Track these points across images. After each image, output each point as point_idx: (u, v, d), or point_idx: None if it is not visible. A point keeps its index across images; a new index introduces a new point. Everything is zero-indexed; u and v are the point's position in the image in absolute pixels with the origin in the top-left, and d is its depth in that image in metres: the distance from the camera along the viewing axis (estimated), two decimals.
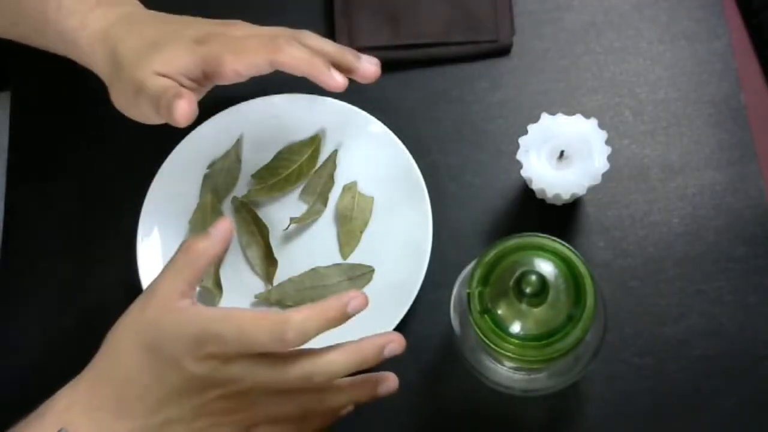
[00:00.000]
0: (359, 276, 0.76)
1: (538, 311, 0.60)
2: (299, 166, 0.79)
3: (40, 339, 0.77)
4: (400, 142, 0.77)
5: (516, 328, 0.60)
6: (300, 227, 0.78)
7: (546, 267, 0.61)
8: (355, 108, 0.78)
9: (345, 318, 0.60)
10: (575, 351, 0.61)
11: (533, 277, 0.59)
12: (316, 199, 0.78)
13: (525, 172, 0.72)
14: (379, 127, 0.78)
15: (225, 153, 0.79)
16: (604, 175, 0.71)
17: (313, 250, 0.77)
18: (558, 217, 0.77)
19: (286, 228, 0.77)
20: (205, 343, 0.58)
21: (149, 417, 0.59)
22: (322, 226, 0.78)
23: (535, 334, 0.60)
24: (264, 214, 0.78)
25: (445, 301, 0.67)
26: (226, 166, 0.79)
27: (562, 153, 0.72)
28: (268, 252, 0.77)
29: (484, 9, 0.82)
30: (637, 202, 0.77)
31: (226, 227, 0.63)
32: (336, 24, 0.82)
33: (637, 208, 0.77)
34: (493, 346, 0.60)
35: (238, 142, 0.80)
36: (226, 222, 0.64)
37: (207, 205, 0.78)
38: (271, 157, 0.79)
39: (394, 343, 0.62)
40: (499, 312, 0.60)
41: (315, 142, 0.79)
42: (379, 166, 0.78)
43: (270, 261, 0.76)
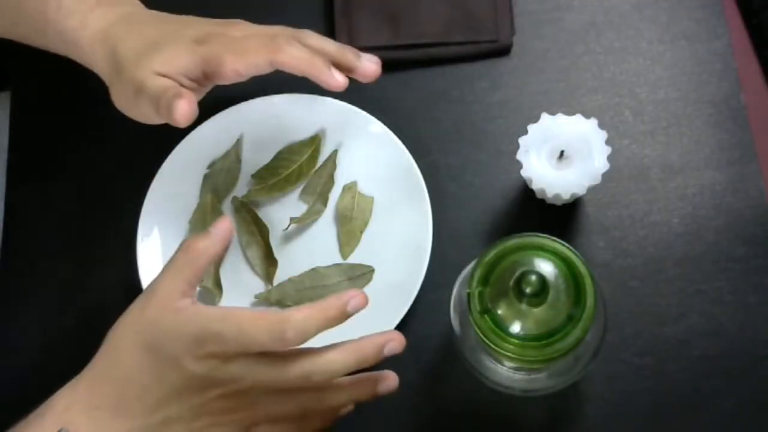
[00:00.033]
0: (359, 276, 0.76)
1: (538, 311, 0.60)
2: (299, 166, 0.79)
3: (40, 339, 0.77)
4: (400, 142, 0.77)
5: (516, 328, 0.60)
6: (300, 227, 0.78)
7: (546, 267, 0.61)
8: (355, 108, 0.78)
9: (345, 317, 0.60)
10: (575, 351, 0.61)
11: (533, 277, 0.59)
12: (316, 199, 0.78)
13: (525, 172, 0.72)
14: (379, 127, 0.78)
15: (225, 153, 0.79)
16: (604, 175, 0.71)
17: (313, 250, 0.77)
18: (558, 217, 0.77)
19: (286, 228, 0.77)
20: (204, 342, 0.58)
21: (148, 416, 0.59)
22: (322, 226, 0.78)
23: (535, 334, 0.60)
24: (264, 214, 0.78)
25: (445, 301, 0.67)
26: (226, 166, 0.79)
27: (562, 153, 0.72)
28: (268, 252, 0.77)
29: (484, 9, 0.82)
30: (637, 202, 0.77)
31: (226, 226, 0.63)
32: (336, 24, 0.82)
33: (637, 208, 0.77)
34: (493, 346, 0.60)
35: (238, 142, 0.80)
36: (226, 221, 0.64)
37: (207, 205, 0.78)
38: (271, 157, 0.79)
39: (394, 342, 0.62)
40: (499, 312, 0.60)
41: (315, 142, 0.79)
42: (379, 166, 0.78)
43: (270, 261, 0.76)
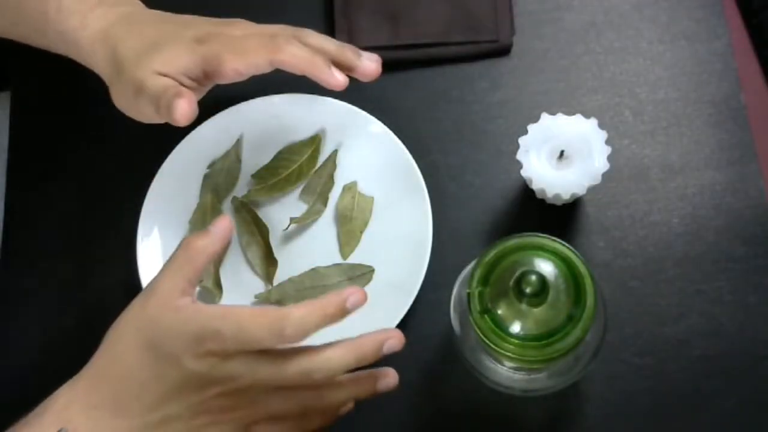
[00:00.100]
0: (359, 276, 0.76)
1: (538, 311, 0.60)
2: (299, 166, 0.79)
3: (40, 339, 0.77)
4: (400, 142, 0.77)
5: (516, 328, 0.60)
6: (300, 227, 0.78)
7: (546, 267, 0.61)
8: (355, 108, 0.78)
9: (344, 314, 0.60)
10: (575, 351, 0.61)
11: (533, 277, 0.59)
12: (316, 199, 0.78)
13: (525, 172, 0.72)
14: (379, 127, 0.78)
15: (225, 153, 0.79)
16: (604, 175, 0.71)
17: (313, 250, 0.77)
18: (558, 217, 0.77)
19: (286, 228, 0.77)
20: (204, 340, 0.58)
21: (147, 414, 0.59)
22: (322, 226, 0.78)
23: (535, 334, 0.60)
24: (264, 214, 0.78)
25: (445, 301, 0.67)
26: (226, 166, 0.79)
27: (562, 153, 0.72)
28: (268, 252, 0.77)
29: (484, 9, 0.82)
30: (637, 202, 0.77)
31: (225, 225, 0.63)
32: (336, 24, 0.82)
33: (637, 208, 0.77)
34: (493, 346, 0.60)
35: (238, 142, 0.80)
36: (225, 220, 0.64)
37: (207, 205, 0.78)
38: (271, 157, 0.79)
39: (393, 339, 0.62)
40: (499, 312, 0.60)
41: (315, 142, 0.79)
42: (379, 166, 0.78)
43: (270, 261, 0.76)
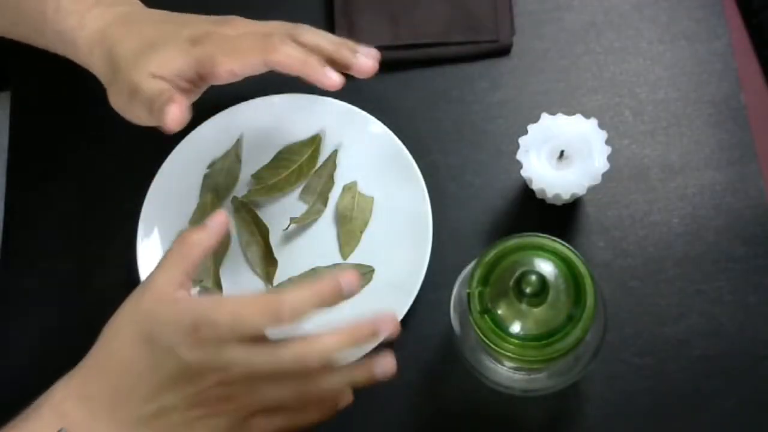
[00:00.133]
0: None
1: (538, 311, 0.60)
2: (299, 166, 0.79)
3: (40, 339, 0.77)
4: (400, 142, 0.77)
5: (516, 328, 0.60)
6: (300, 227, 0.78)
7: (546, 267, 0.61)
8: (355, 108, 0.78)
9: (339, 296, 0.60)
10: (575, 351, 0.61)
11: (533, 277, 0.59)
12: (316, 199, 0.78)
13: (525, 172, 0.72)
14: (379, 127, 0.78)
15: (225, 153, 0.79)
16: (604, 175, 0.71)
17: (313, 250, 0.77)
18: (558, 217, 0.77)
19: (286, 228, 0.77)
20: (199, 329, 0.58)
21: (143, 406, 0.59)
22: (322, 226, 0.78)
23: (535, 334, 0.60)
24: (264, 214, 0.78)
25: (445, 301, 0.67)
26: (226, 166, 0.79)
27: (562, 153, 0.72)
28: (268, 252, 0.77)
29: (484, 9, 0.82)
30: (637, 202, 0.77)
31: (221, 219, 0.64)
32: (336, 24, 0.82)
33: (637, 208, 0.77)
34: (493, 346, 0.60)
35: (238, 142, 0.80)
36: (221, 215, 0.64)
37: (207, 205, 0.78)
38: (271, 157, 0.79)
39: (388, 323, 0.62)
40: (499, 312, 0.60)
41: (315, 142, 0.79)
42: (379, 166, 0.78)
43: (270, 261, 0.76)
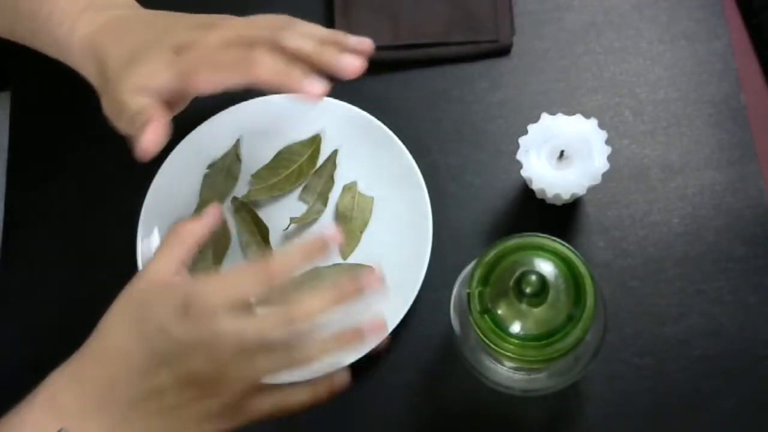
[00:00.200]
0: None
1: (538, 311, 0.60)
2: (299, 166, 0.79)
3: (40, 339, 0.76)
4: (400, 142, 0.77)
5: (516, 328, 0.60)
6: (300, 227, 0.78)
7: (546, 267, 0.61)
8: (355, 108, 0.78)
9: (324, 251, 0.63)
10: (575, 351, 0.61)
11: (533, 277, 0.59)
12: (316, 199, 0.78)
13: (525, 172, 0.72)
14: (379, 127, 0.78)
15: (225, 153, 0.79)
16: (604, 175, 0.71)
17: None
18: (558, 217, 0.77)
19: (286, 228, 0.77)
20: (189, 306, 0.59)
21: (136, 387, 0.59)
22: (322, 226, 0.78)
23: (535, 334, 0.60)
24: (264, 214, 0.78)
25: (445, 301, 0.67)
26: (226, 166, 0.79)
27: (562, 153, 0.72)
28: (268, 252, 0.76)
29: (484, 9, 0.82)
30: (637, 202, 0.77)
31: (215, 211, 0.67)
32: (336, 24, 0.82)
33: (637, 208, 0.77)
34: (493, 346, 0.60)
35: (238, 142, 0.80)
36: (216, 206, 0.67)
37: (207, 205, 0.77)
38: (271, 157, 0.79)
39: (371, 276, 0.63)
40: (499, 312, 0.60)
41: (315, 142, 0.79)
42: (379, 166, 0.78)
43: None
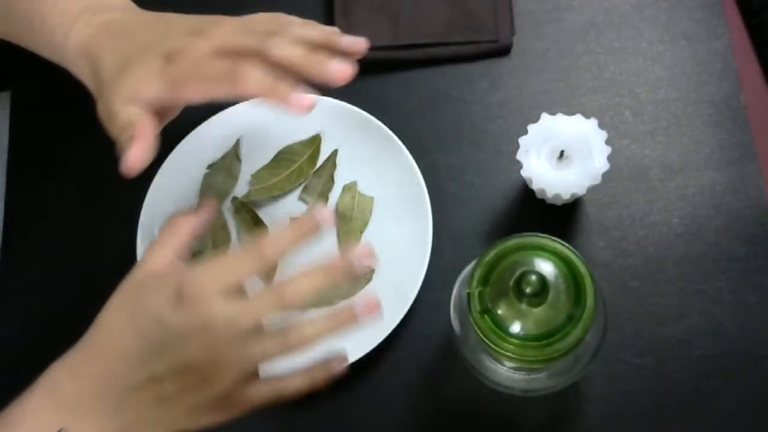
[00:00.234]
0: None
1: (538, 311, 0.60)
2: (299, 166, 0.79)
3: (40, 339, 0.76)
4: (400, 142, 0.77)
5: (516, 328, 0.60)
6: None
7: (546, 267, 0.61)
8: (355, 108, 0.78)
9: (315, 230, 0.63)
10: (575, 351, 0.61)
11: (533, 277, 0.59)
12: (316, 200, 0.78)
13: (525, 172, 0.72)
14: (379, 127, 0.78)
15: (225, 153, 0.79)
16: (604, 175, 0.71)
17: (313, 250, 0.77)
18: (558, 217, 0.77)
19: None
20: (182, 293, 0.59)
21: (131, 376, 0.60)
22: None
23: (535, 334, 0.60)
24: (264, 214, 0.78)
25: (445, 301, 0.67)
26: (226, 166, 0.79)
27: (562, 153, 0.72)
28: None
29: (484, 9, 0.82)
30: (637, 202, 0.77)
31: (209, 204, 0.67)
32: (336, 24, 0.82)
33: (637, 208, 0.77)
34: (493, 346, 0.60)
35: (238, 142, 0.80)
36: (211, 201, 0.68)
37: None
38: (271, 157, 0.79)
39: (361, 252, 0.63)
40: (499, 312, 0.60)
41: (315, 142, 0.79)
42: (379, 166, 0.78)
43: None
